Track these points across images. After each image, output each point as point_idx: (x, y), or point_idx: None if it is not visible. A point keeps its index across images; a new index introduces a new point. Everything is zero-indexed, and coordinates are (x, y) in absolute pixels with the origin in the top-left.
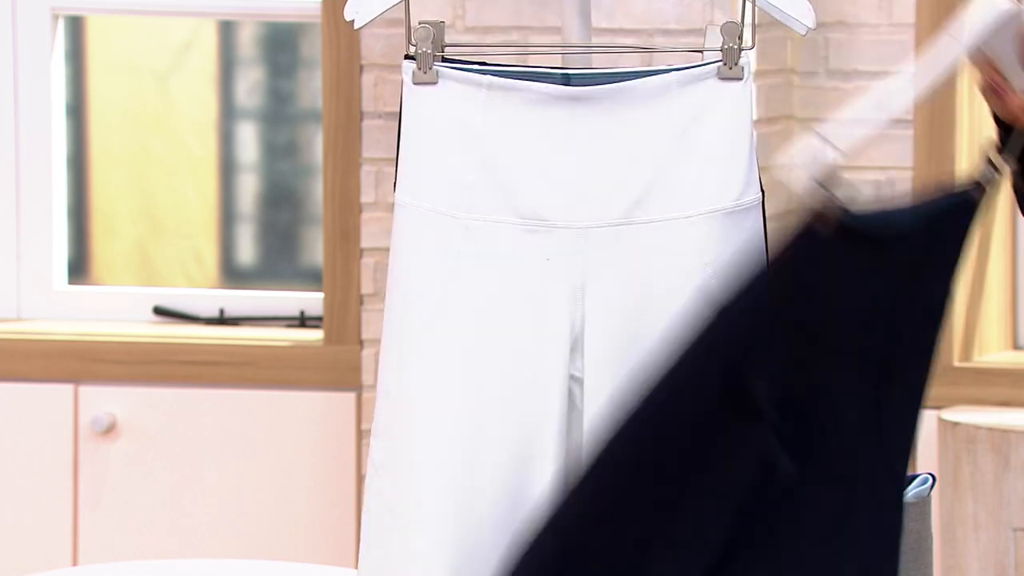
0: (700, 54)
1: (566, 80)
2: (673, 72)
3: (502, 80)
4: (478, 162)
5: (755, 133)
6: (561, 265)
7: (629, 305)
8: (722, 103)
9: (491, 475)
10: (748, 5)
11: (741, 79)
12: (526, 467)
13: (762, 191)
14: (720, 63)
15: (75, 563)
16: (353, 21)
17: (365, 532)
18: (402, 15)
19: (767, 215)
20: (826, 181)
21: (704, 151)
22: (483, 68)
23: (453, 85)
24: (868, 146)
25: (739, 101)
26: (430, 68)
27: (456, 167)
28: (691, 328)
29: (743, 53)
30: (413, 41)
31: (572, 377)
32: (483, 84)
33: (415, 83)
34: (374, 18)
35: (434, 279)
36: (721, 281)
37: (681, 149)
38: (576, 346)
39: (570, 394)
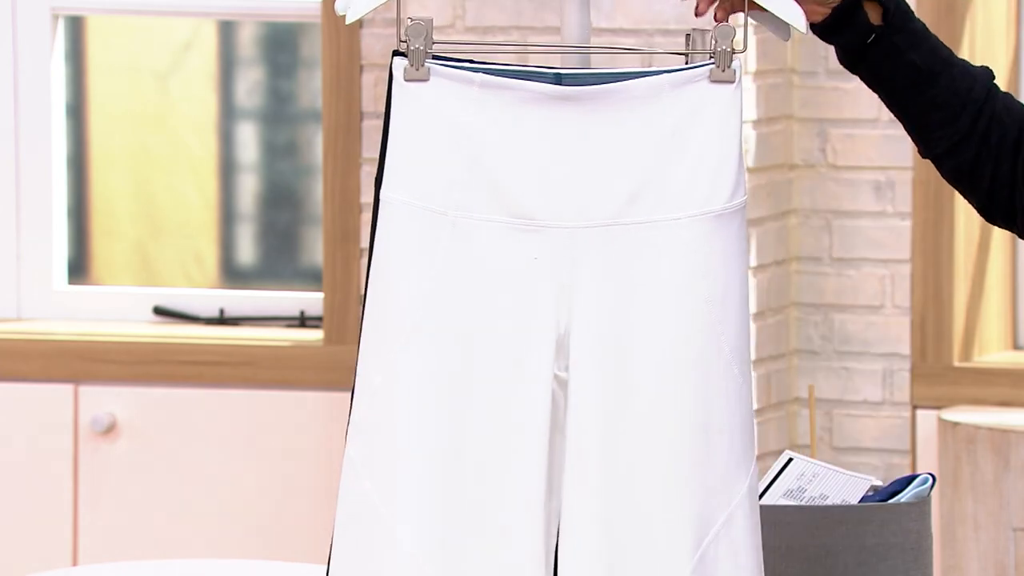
0: (703, 55)
1: (558, 80)
2: (665, 74)
3: (494, 78)
4: (468, 160)
5: (747, 136)
6: (549, 265)
7: (616, 306)
8: (713, 106)
9: (475, 474)
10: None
11: (733, 82)
12: (510, 467)
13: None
14: (712, 65)
15: (75, 563)
16: (344, 16)
17: (340, 531)
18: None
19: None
20: None
21: (694, 153)
22: (475, 66)
23: (444, 82)
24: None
25: (730, 104)
26: (422, 65)
27: (445, 164)
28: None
29: (735, 57)
30: (404, 37)
31: (556, 378)
32: (475, 82)
33: (406, 80)
34: (366, 13)
35: (420, 276)
36: (709, 284)
37: (672, 151)
38: (561, 347)
39: (553, 395)
